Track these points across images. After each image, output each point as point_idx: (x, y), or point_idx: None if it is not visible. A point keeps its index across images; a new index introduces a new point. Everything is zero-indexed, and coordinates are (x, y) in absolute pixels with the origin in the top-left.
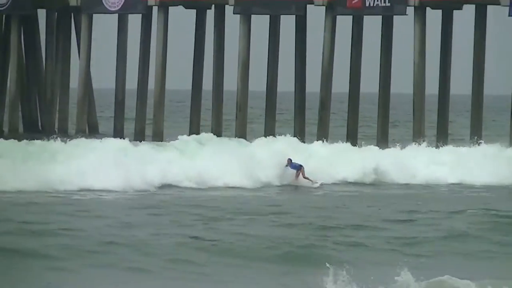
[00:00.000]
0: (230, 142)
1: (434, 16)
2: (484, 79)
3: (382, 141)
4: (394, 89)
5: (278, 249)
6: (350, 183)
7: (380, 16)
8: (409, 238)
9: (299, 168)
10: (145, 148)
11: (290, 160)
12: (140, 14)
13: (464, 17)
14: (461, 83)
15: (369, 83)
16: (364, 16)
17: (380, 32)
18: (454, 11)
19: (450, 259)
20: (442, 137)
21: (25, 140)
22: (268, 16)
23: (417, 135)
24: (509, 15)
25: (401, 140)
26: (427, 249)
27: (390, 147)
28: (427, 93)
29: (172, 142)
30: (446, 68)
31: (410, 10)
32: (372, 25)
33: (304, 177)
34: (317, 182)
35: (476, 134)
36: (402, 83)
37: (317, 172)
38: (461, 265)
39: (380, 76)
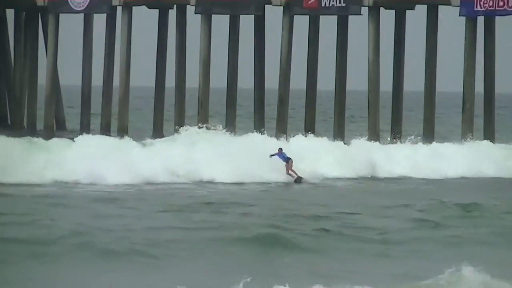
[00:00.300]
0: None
1: (388, 16)
2: (437, 76)
3: (339, 136)
4: (350, 86)
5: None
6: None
7: (336, 16)
8: (379, 228)
9: (287, 160)
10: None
11: (281, 150)
12: (105, 14)
13: (417, 16)
14: (415, 80)
15: (326, 81)
16: (320, 16)
17: (336, 31)
18: (407, 11)
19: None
20: (396, 132)
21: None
22: (228, 15)
23: (372, 131)
24: (459, 15)
25: (358, 135)
26: (396, 237)
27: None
28: (381, 90)
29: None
30: (400, 65)
31: (364, 10)
32: (329, 24)
33: (291, 170)
34: (300, 177)
35: (428, 129)
36: (357, 80)
37: (304, 167)
38: (438, 251)
39: (336, 73)
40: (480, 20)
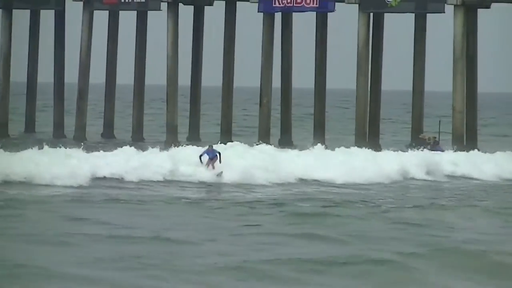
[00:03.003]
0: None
1: (187, 11)
2: (235, 71)
3: (138, 132)
4: (149, 80)
5: None
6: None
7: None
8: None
9: (215, 155)
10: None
11: (211, 147)
12: None
13: (217, 12)
14: (214, 75)
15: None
16: (120, 11)
17: (135, 26)
18: (206, 7)
19: None
20: (193, 133)
21: None
22: (29, 10)
23: (170, 125)
24: (258, 11)
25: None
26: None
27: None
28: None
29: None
30: (198, 61)
31: (164, 6)
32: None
33: (213, 164)
34: (219, 172)
35: (225, 125)
36: (156, 74)
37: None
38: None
39: (135, 67)
40: (278, 16)
